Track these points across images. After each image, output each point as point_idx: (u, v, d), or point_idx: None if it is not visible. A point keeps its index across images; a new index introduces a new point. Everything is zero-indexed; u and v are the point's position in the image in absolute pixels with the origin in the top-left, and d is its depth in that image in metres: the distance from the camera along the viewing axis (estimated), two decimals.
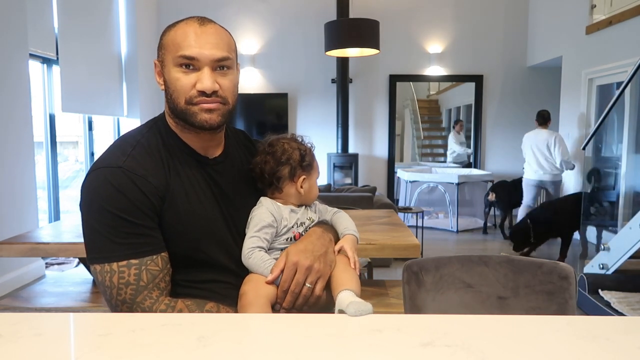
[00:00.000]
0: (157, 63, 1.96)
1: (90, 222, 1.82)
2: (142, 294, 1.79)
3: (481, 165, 12.17)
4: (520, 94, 12.00)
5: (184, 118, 1.91)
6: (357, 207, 6.11)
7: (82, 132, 9.45)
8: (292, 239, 2.05)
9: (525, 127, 11.81)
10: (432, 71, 11.97)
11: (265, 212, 2.04)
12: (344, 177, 11.45)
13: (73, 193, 9.93)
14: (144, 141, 1.93)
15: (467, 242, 9.35)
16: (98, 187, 1.81)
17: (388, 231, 3.99)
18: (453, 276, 2.27)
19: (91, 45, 9.05)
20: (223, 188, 2.04)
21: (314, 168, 2.16)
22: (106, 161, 1.86)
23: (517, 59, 11.92)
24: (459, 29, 11.89)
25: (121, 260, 1.78)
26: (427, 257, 2.30)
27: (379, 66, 11.95)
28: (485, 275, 2.26)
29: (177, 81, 1.87)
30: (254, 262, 1.95)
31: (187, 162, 1.98)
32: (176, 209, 1.88)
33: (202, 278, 1.96)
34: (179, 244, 1.90)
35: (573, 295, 2.14)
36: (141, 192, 1.81)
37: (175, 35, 1.88)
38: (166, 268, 1.86)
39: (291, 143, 2.13)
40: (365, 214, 4.68)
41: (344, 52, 8.07)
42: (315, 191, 2.18)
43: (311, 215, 2.14)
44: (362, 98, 12.06)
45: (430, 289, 2.26)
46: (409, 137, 13.71)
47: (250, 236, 2.00)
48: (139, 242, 1.81)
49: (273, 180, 2.08)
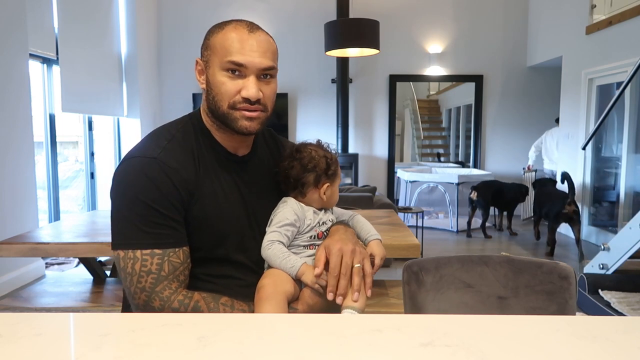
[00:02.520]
0: (200, 62, 1.99)
1: (121, 208, 1.86)
2: (162, 283, 1.83)
3: (481, 165, 12.16)
4: (520, 94, 11.99)
5: (224, 121, 1.95)
6: (357, 207, 6.11)
7: (82, 132, 9.47)
8: (315, 237, 2.08)
9: (525, 127, 11.86)
10: (432, 71, 11.97)
11: (289, 210, 2.07)
12: (344, 177, 11.43)
13: (73, 193, 9.93)
14: (179, 136, 1.98)
15: (467, 242, 9.35)
16: (132, 176, 1.86)
17: (388, 231, 3.99)
18: (453, 276, 2.27)
19: (91, 45, 9.05)
20: (249, 186, 2.08)
21: (337, 175, 2.19)
22: (142, 151, 1.91)
23: (517, 59, 11.92)
24: (459, 28, 11.89)
25: (146, 249, 1.82)
26: (427, 257, 2.30)
27: (379, 66, 11.95)
28: (485, 275, 2.26)
29: (223, 85, 1.91)
30: (272, 254, 1.97)
31: (218, 160, 2.02)
32: (203, 204, 1.93)
33: (219, 273, 1.99)
34: (202, 239, 1.94)
35: (573, 295, 2.14)
36: (173, 185, 1.85)
37: (225, 38, 1.90)
38: (186, 262, 1.90)
39: (318, 150, 2.17)
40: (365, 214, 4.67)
41: (344, 52, 8.07)
42: (336, 197, 2.21)
43: (331, 218, 2.17)
44: (362, 98, 12.06)
45: (430, 289, 2.26)
46: (409, 137, 13.72)
47: (272, 231, 2.02)
48: (165, 234, 1.85)
49: (297, 185, 2.11)
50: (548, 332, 1.46)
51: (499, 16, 11.85)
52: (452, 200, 10.35)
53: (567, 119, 10.06)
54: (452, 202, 10.40)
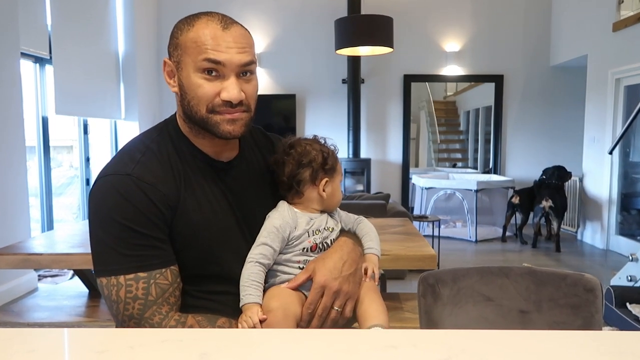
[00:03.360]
0: (170, 63, 1.94)
1: (97, 232, 1.82)
2: (151, 309, 1.79)
3: (501, 170, 12.13)
4: (542, 94, 11.96)
5: (204, 126, 1.90)
6: (370, 215, 6.10)
7: (76, 136, 9.46)
8: (307, 250, 2.02)
9: (548, 130, 11.83)
10: (449, 71, 11.95)
11: (277, 216, 2.03)
12: (355, 184, 11.44)
13: (67, 201, 9.94)
14: (154, 147, 1.93)
15: (487, 252, 9.33)
16: (104, 196, 1.82)
17: (402, 241, 3.99)
18: (471, 289, 2.27)
19: (87, 43, 9.07)
20: (238, 194, 2.03)
21: (337, 171, 2.14)
22: (114, 168, 1.86)
23: (540, 58, 11.88)
24: (478, 25, 11.88)
25: (128, 273, 1.78)
26: (444, 269, 2.30)
27: (393, 65, 11.93)
28: (505, 288, 2.26)
29: (200, 88, 1.85)
30: (242, 274, 1.93)
31: (200, 169, 1.97)
32: (188, 219, 1.88)
33: (214, 289, 1.95)
34: (190, 255, 1.90)
35: (599, 309, 2.13)
36: (150, 201, 1.81)
37: (197, 35, 1.85)
38: (176, 282, 1.86)
39: (313, 144, 2.12)
40: (378, 223, 4.67)
41: (355, 50, 8.08)
42: (339, 196, 2.16)
43: (331, 225, 2.11)
44: (375, 99, 12.06)
45: (448, 303, 2.26)
46: (424, 141, 13.72)
47: (256, 245, 1.97)
48: (148, 254, 1.80)
49: (293, 183, 2.06)
50: (573, 348, 1.45)
51: (520, 12, 11.84)
52: (471, 208, 10.32)
53: (592, 121, 10.03)
54: (470, 210, 10.36)
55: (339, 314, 1.92)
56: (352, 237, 2.16)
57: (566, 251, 9.28)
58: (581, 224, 10.54)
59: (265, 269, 1.95)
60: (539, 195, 9.50)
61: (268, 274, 1.99)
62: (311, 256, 2.02)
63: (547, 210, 9.23)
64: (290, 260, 2.01)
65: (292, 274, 1.99)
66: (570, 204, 10.43)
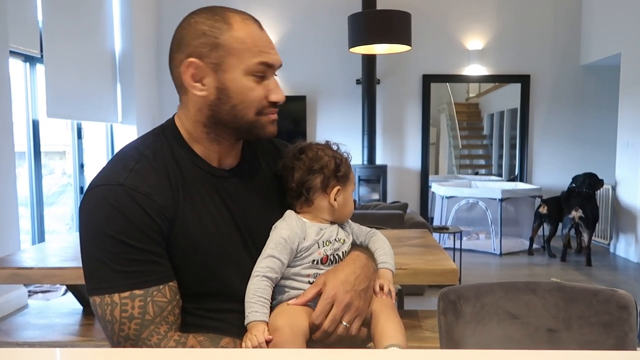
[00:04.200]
0: (199, 64, 1.90)
1: (88, 247, 1.81)
2: (148, 329, 1.77)
3: (528, 178, 12.12)
4: (572, 96, 11.93)
5: (247, 130, 1.95)
6: (386, 226, 6.11)
7: (70, 141, 9.46)
8: (318, 262, 2.01)
9: (578, 134, 11.80)
10: (472, 70, 11.96)
11: (284, 226, 2.01)
12: (370, 192, 11.44)
13: (60, 210, 9.95)
14: (148, 153, 1.91)
15: (512, 266, 9.32)
16: (95, 208, 1.80)
17: (421, 254, 3.99)
18: (496, 305, 2.27)
19: (81, 40, 9.07)
20: (241, 204, 2.02)
21: (350, 180, 2.14)
22: (105, 178, 1.85)
23: (569, 57, 11.86)
24: (503, 21, 11.87)
25: (123, 291, 1.76)
26: (466, 284, 2.30)
27: (411, 65, 11.93)
28: (532, 305, 2.26)
29: (252, 91, 1.89)
30: (247, 289, 1.92)
31: (200, 177, 1.96)
32: (187, 231, 1.86)
33: (217, 307, 1.93)
34: (190, 271, 1.88)
35: (633, 327, 2.13)
36: (145, 213, 1.79)
37: (244, 36, 1.88)
38: (175, 299, 1.84)
39: (326, 150, 2.11)
40: (395, 235, 4.67)
41: (370, 48, 8.09)
42: (351, 207, 2.15)
43: (342, 236, 2.11)
44: (392, 101, 12.07)
45: (470, 321, 2.26)
46: (445, 146, 13.69)
47: (262, 257, 1.96)
48: (144, 270, 1.79)
49: (302, 190, 2.05)
50: None
51: (549, 7, 11.82)
52: (495, 218, 10.29)
53: (626, 125, 9.99)
54: (494, 221, 10.34)
55: (346, 329, 1.92)
56: (365, 251, 2.15)
57: (598, 265, 9.26)
58: (614, 236, 10.51)
59: (272, 284, 1.94)
60: (568, 205, 9.48)
61: (275, 290, 1.98)
62: (321, 269, 2.01)
63: (576, 221, 9.21)
64: (299, 274, 1.99)
65: (301, 289, 1.98)
66: (602, 214, 10.40)
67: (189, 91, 1.95)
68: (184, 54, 1.92)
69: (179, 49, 1.95)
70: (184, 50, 1.92)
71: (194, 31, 1.91)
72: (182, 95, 2.00)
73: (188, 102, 1.97)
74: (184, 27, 1.96)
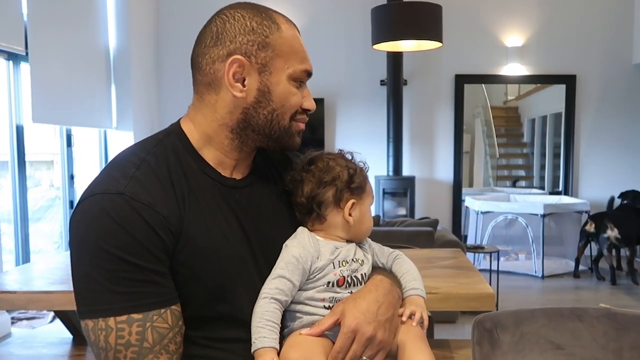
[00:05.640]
0: (247, 63, 1.90)
1: (81, 264, 1.76)
2: (147, 358, 1.73)
3: (573, 191, 12.07)
4: (624, 98, 11.87)
5: (278, 138, 1.98)
6: (414, 245, 6.10)
7: (58, 149, 9.44)
8: (333, 284, 1.98)
9: (631, 141, 11.75)
10: (511, 70, 11.92)
11: (295, 244, 1.99)
12: (396, 207, 11.43)
13: (47, 227, 9.96)
14: (150, 159, 1.88)
15: (556, 290, 9.30)
16: (91, 220, 1.75)
17: (453, 276, 3.99)
18: (537, 334, 2.27)
19: (71, 36, 9.02)
20: (252, 218, 2.01)
21: (366, 192, 2.12)
22: (102, 186, 1.80)
23: (620, 55, 11.80)
24: (545, 15, 11.84)
25: (120, 315, 1.71)
26: (503, 310, 2.30)
27: (442, 64, 11.93)
28: (579, 333, 2.25)
29: (294, 97, 1.95)
30: (254, 312, 1.88)
31: (209, 187, 1.94)
32: (193, 247, 1.82)
33: (224, 335, 1.90)
34: (196, 292, 1.85)
35: None
36: (148, 225, 1.74)
37: (291, 39, 1.94)
38: (177, 325, 1.80)
39: (337, 160, 2.09)
40: (424, 255, 4.67)
41: (396, 45, 8.10)
42: (369, 222, 2.13)
43: (360, 256, 2.08)
44: (420, 105, 12.06)
45: (508, 351, 2.25)
46: (480, 156, 13.67)
47: (271, 278, 1.93)
48: (144, 292, 1.74)
49: (313, 205, 2.03)
50: None
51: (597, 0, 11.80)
52: (536, 236, 10.27)
53: None
54: (536, 239, 10.31)
55: None
56: (388, 275, 2.13)
57: None
58: None
59: (282, 307, 1.91)
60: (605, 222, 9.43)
61: (287, 316, 1.96)
62: (338, 292, 1.99)
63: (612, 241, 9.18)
64: (313, 298, 1.97)
65: (316, 315, 1.95)
66: None
67: (223, 91, 1.93)
68: (225, 50, 1.90)
69: (219, 43, 1.91)
70: (227, 45, 1.90)
71: (241, 26, 1.91)
72: (208, 95, 1.96)
73: (217, 102, 1.95)
74: (226, 19, 1.93)
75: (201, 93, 1.98)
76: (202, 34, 1.96)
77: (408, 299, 2.08)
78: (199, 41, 1.96)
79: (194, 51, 1.98)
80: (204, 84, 1.96)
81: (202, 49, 1.94)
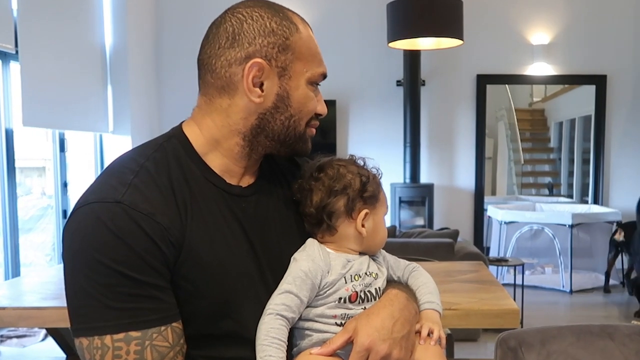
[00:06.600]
0: (267, 67, 1.89)
1: (76, 278, 1.73)
2: None
3: (604, 200, 12.03)
4: None
5: (292, 144, 2.00)
6: (433, 257, 6.11)
7: (50, 155, 9.40)
8: (345, 300, 1.95)
9: None
10: (536, 70, 11.89)
11: (305, 257, 1.97)
12: (414, 217, 11.43)
13: (38, 238, 9.96)
14: (150, 165, 1.86)
15: (585, 306, 9.29)
16: (87, 230, 1.72)
17: (475, 291, 3.99)
18: (565, 353, 2.27)
19: (64, 33, 8.98)
20: (260, 228, 1.99)
21: (380, 201, 2.09)
22: (98, 194, 1.78)
23: None
24: (574, 11, 11.81)
25: (117, 332, 1.68)
26: (529, 328, 2.29)
27: (463, 63, 11.91)
28: (609, 352, 2.25)
29: (311, 101, 1.98)
30: (259, 329, 1.85)
31: (212, 194, 1.92)
32: (196, 260, 1.80)
33: (228, 355, 1.88)
34: (198, 309, 1.83)
35: None
36: (148, 236, 1.72)
37: (309, 41, 1.96)
38: (179, 344, 1.78)
39: (349, 166, 2.06)
40: (443, 268, 4.68)
41: (414, 43, 8.10)
42: (383, 233, 2.12)
43: (374, 270, 2.06)
44: (439, 107, 12.04)
45: None
46: (503, 161, 13.65)
47: (277, 293, 1.91)
48: (143, 308, 1.72)
49: (323, 216, 2.00)
50: None
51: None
52: (564, 248, 10.25)
53: None
54: (563, 252, 10.29)
55: None
56: (404, 289, 2.11)
57: None
58: None
59: (288, 325, 1.89)
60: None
61: (295, 334, 1.96)
62: (350, 309, 1.96)
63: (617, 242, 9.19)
64: (324, 315, 1.95)
65: (327, 333, 1.93)
66: None
67: (238, 95, 1.91)
68: (244, 52, 1.88)
69: (236, 45, 1.89)
70: (245, 47, 1.89)
71: (260, 27, 1.89)
72: (220, 99, 1.94)
73: (230, 107, 1.93)
74: (243, 19, 1.90)
75: (211, 96, 1.95)
76: (216, 33, 1.93)
77: (422, 314, 2.07)
78: (211, 41, 1.93)
79: (205, 51, 1.95)
80: (215, 87, 1.94)
81: (216, 50, 1.91)
